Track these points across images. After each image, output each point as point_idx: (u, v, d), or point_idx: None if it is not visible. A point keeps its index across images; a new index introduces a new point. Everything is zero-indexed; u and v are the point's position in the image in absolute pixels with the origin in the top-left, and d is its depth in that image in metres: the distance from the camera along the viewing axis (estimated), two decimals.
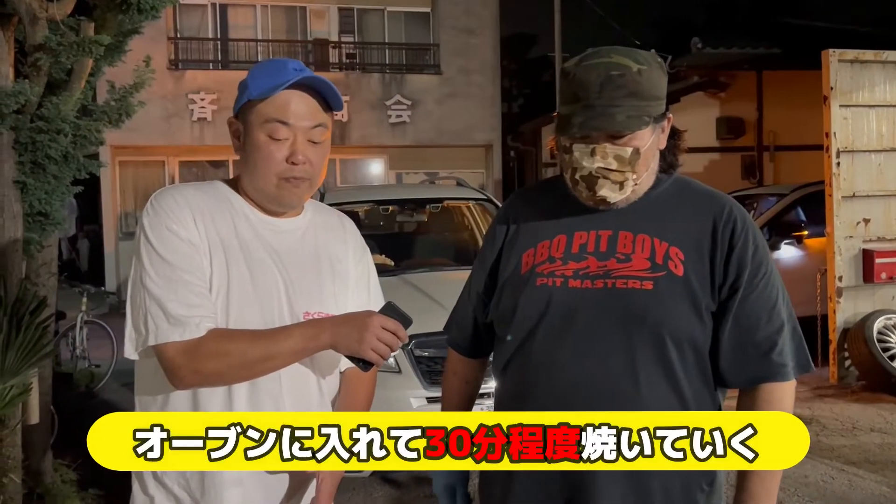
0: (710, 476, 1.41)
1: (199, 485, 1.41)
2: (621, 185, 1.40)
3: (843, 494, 3.96)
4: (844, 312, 6.06)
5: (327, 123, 1.49)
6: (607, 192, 1.40)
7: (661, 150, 1.47)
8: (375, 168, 14.86)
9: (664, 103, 1.43)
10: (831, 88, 5.96)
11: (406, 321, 1.42)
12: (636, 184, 1.42)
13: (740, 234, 1.41)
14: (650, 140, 1.41)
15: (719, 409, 1.46)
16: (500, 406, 1.55)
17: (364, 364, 1.41)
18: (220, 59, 14.13)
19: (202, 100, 13.29)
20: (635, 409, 1.33)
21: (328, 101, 1.48)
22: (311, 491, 1.48)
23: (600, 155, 1.37)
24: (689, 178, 1.53)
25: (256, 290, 1.43)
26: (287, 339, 1.39)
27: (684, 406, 1.38)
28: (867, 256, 6.08)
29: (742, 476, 1.41)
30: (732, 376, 1.42)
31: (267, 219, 1.50)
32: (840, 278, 6.03)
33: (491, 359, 1.63)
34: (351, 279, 1.58)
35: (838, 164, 6.01)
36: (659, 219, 1.44)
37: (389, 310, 1.43)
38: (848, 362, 6.07)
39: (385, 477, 4.21)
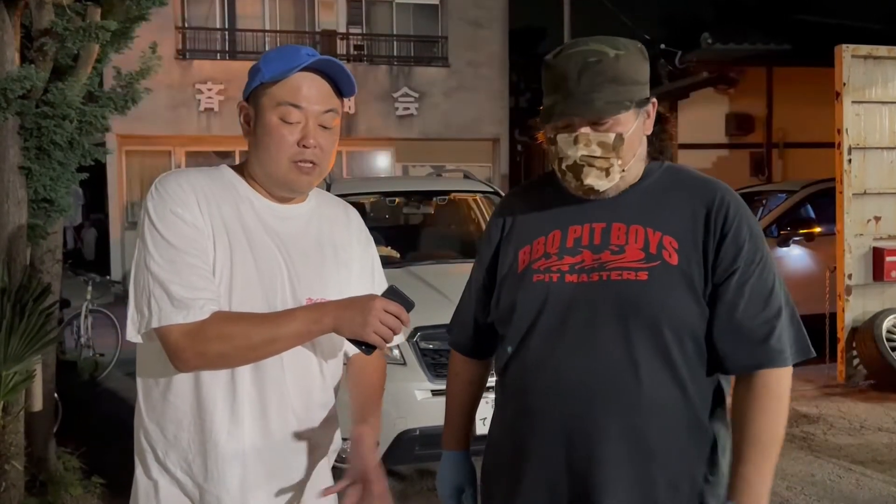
0: (714, 467, 1.40)
1: (201, 468, 1.42)
2: (607, 171, 1.39)
3: (850, 493, 3.92)
4: (853, 311, 6.01)
5: (338, 109, 1.49)
6: (594, 180, 1.39)
7: (649, 135, 1.46)
8: (382, 160, 14.83)
9: (646, 88, 1.42)
10: (844, 84, 5.90)
11: (409, 304, 1.42)
12: (623, 171, 1.41)
13: (733, 220, 1.39)
14: (633, 125, 1.40)
15: (723, 397, 1.45)
16: (501, 404, 1.54)
17: (367, 347, 1.41)
18: (227, 49, 14.10)
19: (209, 90, 13.28)
20: (637, 401, 1.33)
21: (340, 87, 1.48)
22: (315, 480, 1.48)
23: (583, 143, 1.38)
24: (681, 165, 1.52)
25: (260, 274, 1.43)
26: (290, 322, 1.38)
27: (686, 396, 1.37)
28: (877, 254, 6.02)
29: (737, 460, 1.38)
30: (731, 363, 1.39)
31: (271, 205, 1.50)
32: (850, 276, 5.99)
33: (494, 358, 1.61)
34: (354, 267, 1.58)
35: (850, 161, 5.95)
36: (652, 208, 1.43)
37: (392, 293, 1.43)
38: (856, 361, 6.03)
39: (388, 470, 4.19)
